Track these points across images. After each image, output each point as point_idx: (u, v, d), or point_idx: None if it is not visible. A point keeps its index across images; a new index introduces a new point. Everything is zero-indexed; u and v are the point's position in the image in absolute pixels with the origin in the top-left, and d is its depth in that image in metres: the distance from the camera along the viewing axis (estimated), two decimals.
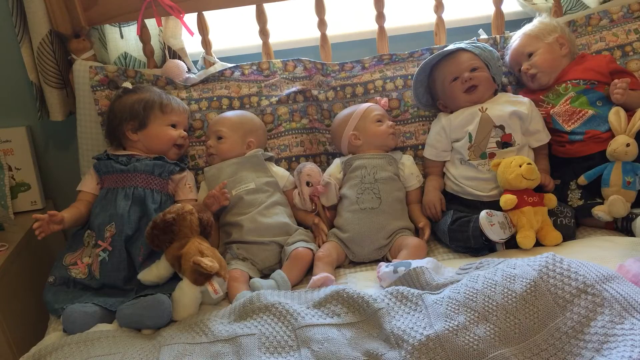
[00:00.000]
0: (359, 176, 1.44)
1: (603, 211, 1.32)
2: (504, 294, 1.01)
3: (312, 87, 1.63)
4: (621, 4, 1.58)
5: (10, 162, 1.74)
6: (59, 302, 1.26)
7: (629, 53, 1.54)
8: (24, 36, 1.60)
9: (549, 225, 1.31)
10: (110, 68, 1.60)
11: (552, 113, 1.45)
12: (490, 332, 0.96)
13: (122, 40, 1.66)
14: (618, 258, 1.13)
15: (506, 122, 1.40)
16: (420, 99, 1.55)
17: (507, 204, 1.30)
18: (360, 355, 0.97)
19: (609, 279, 0.99)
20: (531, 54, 1.50)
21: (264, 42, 1.69)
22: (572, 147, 1.43)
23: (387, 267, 1.21)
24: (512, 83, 1.60)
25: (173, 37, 1.68)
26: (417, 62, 1.59)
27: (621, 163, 1.33)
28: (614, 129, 1.36)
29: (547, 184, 1.40)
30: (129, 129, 1.46)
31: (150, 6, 1.57)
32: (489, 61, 1.49)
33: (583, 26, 1.60)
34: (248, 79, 1.65)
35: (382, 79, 1.61)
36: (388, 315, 1.04)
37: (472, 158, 1.42)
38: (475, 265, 1.19)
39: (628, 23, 1.56)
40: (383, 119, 1.51)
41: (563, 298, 0.98)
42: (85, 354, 1.08)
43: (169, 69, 1.63)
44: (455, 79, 1.47)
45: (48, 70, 1.60)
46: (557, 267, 1.03)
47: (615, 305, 0.94)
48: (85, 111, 1.61)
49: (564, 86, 1.46)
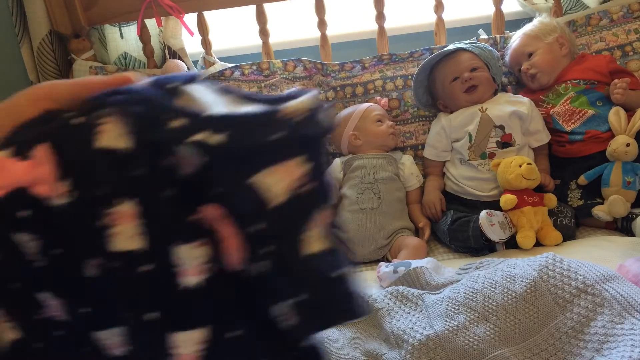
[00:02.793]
0: (358, 176, 1.44)
1: (603, 211, 1.32)
2: (504, 294, 1.01)
3: (312, 87, 1.63)
4: (621, 4, 1.58)
5: None
6: None
7: (629, 53, 1.54)
8: (24, 36, 1.60)
9: (549, 225, 1.31)
10: (110, 68, 1.60)
11: (552, 113, 1.45)
12: (490, 332, 0.96)
13: (122, 40, 1.66)
14: (618, 258, 1.13)
15: (506, 122, 1.40)
16: (420, 99, 1.55)
17: (507, 204, 1.30)
18: (360, 355, 0.97)
19: (609, 279, 0.99)
20: (531, 54, 1.50)
21: (264, 42, 1.69)
22: (572, 147, 1.43)
23: (387, 267, 1.21)
24: (512, 83, 1.60)
25: (173, 37, 1.68)
26: (417, 62, 1.59)
27: (621, 163, 1.33)
28: (614, 129, 1.36)
29: (547, 184, 1.40)
30: None
31: (150, 6, 1.57)
32: (489, 61, 1.49)
33: (583, 26, 1.60)
34: (248, 79, 1.65)
35: (382, 79, 1.61)
36: (388, 315, 1.04)
37: (472, 158, 1.42)
38: (475, 265, 1.19)
39: (628, 23, 1.56)
40: (383, 119, 1.51)
41: (563, 298, 0.98)
42: None
43: (169, 69, 1.63)
44: (455, 79, 1.47)
45: (48, 70, 1.60)
46: (557, 267, 1.03)
47: (615, 305, 0.94)
48: None
49: (564, 86, 1.46)
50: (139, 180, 0.32)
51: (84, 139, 0.32)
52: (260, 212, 0.31)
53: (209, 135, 0.31)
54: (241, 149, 0.31)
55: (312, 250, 0.33)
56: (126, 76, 0.37)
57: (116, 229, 0.31)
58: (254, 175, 0.31)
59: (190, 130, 0.31)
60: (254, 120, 0.32)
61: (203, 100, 0.34)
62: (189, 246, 0.32)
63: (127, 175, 0.31)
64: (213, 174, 0.32)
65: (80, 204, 0.32)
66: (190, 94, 0.34)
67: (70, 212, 0.32)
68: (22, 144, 0.33)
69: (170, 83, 0.34)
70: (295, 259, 0.33)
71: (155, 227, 0.32)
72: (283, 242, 0.32)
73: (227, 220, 0.32)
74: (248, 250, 0.32)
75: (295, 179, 0.32)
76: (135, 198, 0.31)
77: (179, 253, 0.32)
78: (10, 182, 0.32)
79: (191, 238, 0.32)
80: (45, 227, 0.33)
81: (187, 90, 0.34)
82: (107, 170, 0.31)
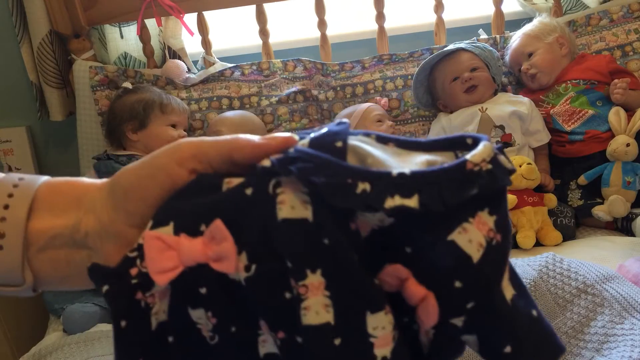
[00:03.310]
0: None
1: (603, 211, 1.32)
2: None
3: (312, 87, 1.63)
4: (621, 4, 1.58)
5: (10, 162, 1.74)
6: (59, 302, 1.26)
7: (629, 53, 1.53)
8: (24, 36, 1.60)
9: (549, 225, 1.31)
10: (110, 68, 1.60)
11: (552, 113, 1.45)
12: None
13: (122, 40, 1.66)
14: (618, 258, 1.13)
15: (506, 122, 1.40)
16: (420, 99, 1.55)
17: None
18: None
19: (609, 279, 0.99)
20: (531, 54, 1.50)
21: (264, 42, 1.68)
22: (572, 147, 1.43)
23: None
24: (512, 83, 1.60)
25: (173, 37, 1.68)
26: (417, 62, 1.59)
27: (621, 163, 1.33)
28: (614, 129, 1.36)
29: (547, 184, 1.40)
30: (129, 129, 1.46)
31: (150, 6, 1.57)
32: (489, 61, 1.49)
33: (583, 26, 1.60)
34: (248, 79, 1.65)
35: (382, 79, 1.61)
36: None
37: None
38: None
39: (628, 23, 1.56)
40: (383, 119, 1.51)
41: (563, 298, 0.98)
42: (85, 354, 1.08)
43: (169, 69, 1.63)
44: (455, 79, 1.47)
45: (48, 70, 1.60)
46: (557, 267, 1.03)
47: (615, 305, 0.94)
48: (85, 111, 1.61)
49: (564, 86, 1.46)
50: (326, 250, 0.30)
51: (264, 210, 0.30)
52: (462, 268, 0.30)
53: (403, 199, 0.29)
54: (437, 208, 0.29)
55: (509, 296, 0.32)
56: (285, 138, 0.32)
57: (307, 302, 0.30)
58: (452, 233, 0.30)
59: (381, 194, 0.29)
60: (445, 176, 0.30)
61: (374, 155, 0.32)
62: (378, 314, 0.30)
63: (314, 245, 0.30)
64: (400, 234, 0.31)
65: (263, 278, 0.31)
66: (357, 149, 0.32)
67: (248, 287, 0.31)
68: (190, 218, 0.32)
69: (333, 140, 0.32)
70: (501, 306, 0.31)
71: (343, 297, 0.30)
72: (484, 295, 0.31)
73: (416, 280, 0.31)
74: (446, 307, 0.31)
75: (486, 233, 0.30)
76: (322, 268, 0.30)
77: (370, 323, 0.30)
78: (187, 261, 0.31)
79: (379, 306, 0.30)
80: (221, 305, 0.32)
81: (352, 145, 0.32)
82: (292, 241, 0.30)
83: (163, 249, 0.31)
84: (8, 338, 1.45)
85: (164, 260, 0.31)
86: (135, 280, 0.32)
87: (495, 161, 0.31)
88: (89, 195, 0.35)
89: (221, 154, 0.33)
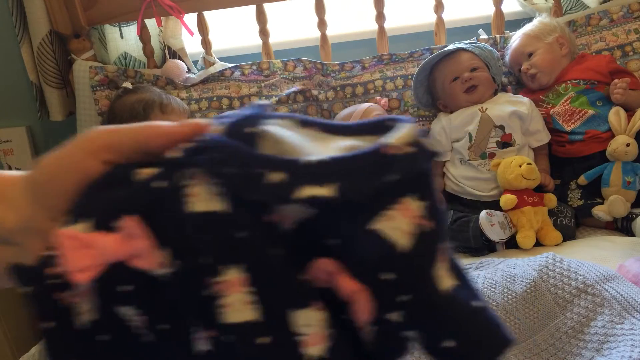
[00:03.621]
0: None
1: (603, 211, 1.32)
2: (504, 293, 1.01)
3: (312, 87, 1.63)
4: (621, 4, 1.58)
5: (10, 162, 1.74)
6: None
7: (629, 53, 1.53)
8: (24, 36, 1.60)
9: (549, 225, 1.31)
10: (110, 68, 1.60)
11: (552, 113, 1.45)
12: None
13: (122, 40, 1.66)
14: (618, 258, 1.13)
15: (506, 122, 1.40)
16: (420, 99, 1.55)
17: (507, 204, 1.30)
18: None
19: (609, 279, 0.99)
20: (531, 54, 1.50)
21: (264, 42, 1.69)
22: (572, 147, 1.43)
23: None
24: (512, 83, 1.60)
25: (173, 37, 1.68)
26: (417, 62, 1.59)
27: (621, 163, 1.33)
28: (614, 129, 1.36)
29: (547, 184, 1.40)
30: None
31: (150, 6, 1.57)
32: (489, 61, 1.49)
33: (583, 26, 1.60)
34: (248, 79, 1.65)
35: (382, 79, 1.61)
36: None
37: (472, 158, 1.42)
38: (475, 266, 1.19)
39: (628, 23, 1.56)
40: None
41: (563, 298, 0.98)
42: None
43: (169, 69, 1.63)
44: (455, 79, 1.47)
45: (48, 70, 1.60)
46: (557, 267, 1.03)
47: (615, 305, 0.94)
48: (85, 111, 1.61)
49: (564, 86, 1.46)
50: (242, 244, 0.29)
51: (173, 204, 0.29)
52: (388, 259, 0.28)
53: (316, 189, 0.27)
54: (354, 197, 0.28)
55: (446, 286, 0.30)
56: (198, 125, 0.31)
57: (227, 300, 0.28)
58: (374, 222, 0.28)
59: (292, 184, 0.28)
60: (361, 162, 0.28)
61: (289, 141, 0.30)
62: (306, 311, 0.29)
63: (228, 240, 0.28)
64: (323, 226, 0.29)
65: (184, 275, 0.29)
66: (272, 135, 0.31)
67: (173, 284, 0.29)
68: (103, 214, 0.30)
69: (247, 126, 0.30)
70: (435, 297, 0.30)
71: (267, 294, 0.29)
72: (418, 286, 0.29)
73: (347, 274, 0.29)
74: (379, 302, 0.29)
75: (414, 220, 0.29)
76: (241, 264, 0.28)
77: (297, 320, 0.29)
78: (105, 258, 0.30)
79: (306, 302, 0.29)
80: (149, 302, 0.30)
81: (267, 131, 0.31)
82: (206, 235, 0.28)
83: (78, 247, 0.30)
84: (8, 338, 1.46)
85: (81, 259, 0.29)
86: (55, 280, 0.30)
87: (418, 144, 0.30)
88: (10, 188, 0.33)
89: (137, 142, 0.31)
